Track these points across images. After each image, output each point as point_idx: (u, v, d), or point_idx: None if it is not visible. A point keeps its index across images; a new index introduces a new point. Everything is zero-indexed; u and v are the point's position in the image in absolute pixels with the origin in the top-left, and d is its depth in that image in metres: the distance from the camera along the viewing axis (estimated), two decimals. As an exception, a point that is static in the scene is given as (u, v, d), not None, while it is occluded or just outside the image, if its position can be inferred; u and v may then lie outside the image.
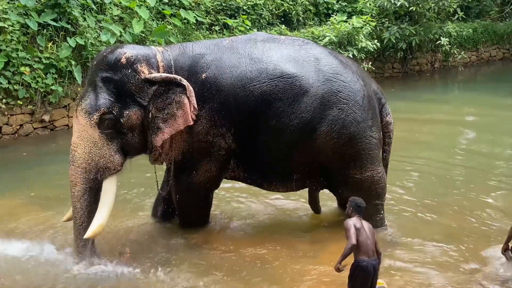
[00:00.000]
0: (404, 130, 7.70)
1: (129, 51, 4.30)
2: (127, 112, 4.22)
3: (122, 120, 4.21)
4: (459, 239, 4.76)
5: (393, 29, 13.75)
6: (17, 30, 8.66)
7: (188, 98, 4.22)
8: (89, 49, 9.20)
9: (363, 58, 12.85)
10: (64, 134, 8.70)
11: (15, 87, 8.48)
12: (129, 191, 5.91)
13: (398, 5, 13.51)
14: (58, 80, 8.95)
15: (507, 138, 8.46)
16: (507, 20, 17.95)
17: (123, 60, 4.22)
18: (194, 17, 11.42)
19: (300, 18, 14.02)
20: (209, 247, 4.64)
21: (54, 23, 9.04)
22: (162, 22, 11.14)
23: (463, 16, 15.15)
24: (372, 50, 13.02)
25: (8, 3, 8.93)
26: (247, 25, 12.38)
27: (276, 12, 13.55)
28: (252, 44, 4.59)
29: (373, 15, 13.96)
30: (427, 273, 4.18)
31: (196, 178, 4.57)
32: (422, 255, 4.49)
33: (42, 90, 8.73)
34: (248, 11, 12.90)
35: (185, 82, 4.22)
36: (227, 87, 4.37)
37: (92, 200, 4.24)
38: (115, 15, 10.17)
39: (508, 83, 13.48)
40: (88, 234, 4.10)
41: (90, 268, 4.19)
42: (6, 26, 8.52)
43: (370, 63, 12.95)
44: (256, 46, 4.57)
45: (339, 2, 14.83)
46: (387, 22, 14.02)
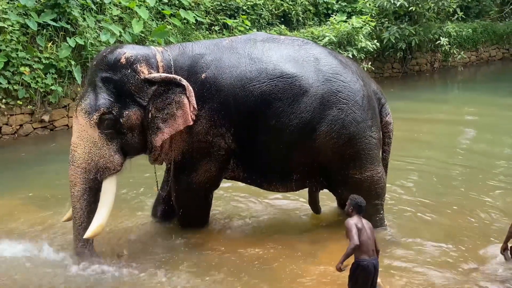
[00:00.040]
0: (403, 130, 7.69)
1: (129, 51, 4.30)
2: (127, 112, 4.22)
3: (121, 120, 4.21)
4: (459, 238, 4.77)
5: (393, 29, 13.75)
6: (17, 30, 8.65)
7: (188, 98, 4.21)
8: (89, 49, 9.19)
9: (362, 58, 12.86)
10: (64, 134, 8.69)
11: (15, 87, 8.47)
12: (128, 191, 5.90)
13: (397, 5, 13.51)
14: (58, 80, 8.95)
15: (506, 138, 8.47)
16: (506, 20, 17.96)
17: (123, 60, 4.22)
18: (194, 17, 11.42)
19: (300, 18, 14.02)
20: (209, 247, 4.64)
21: (54, 23, 9.04)
22: (162, 22, 11.14)
23: (463, 16, 15.15)
24: (372, 50, 13.03)
25: (7, 3, 8.93)
26: (246, 25, 12.38)
27: (276, 12, 13.55)
28: (252, 44, 4.59)
29: (373, 15, 13.96)
30: (426, 273, 4.18)
31: (195, 178, 4.57)
32: (422, 254, 4.49)
33: (41, 90, 8.72)
34: (247, 11, 12.90)
35: (184, 82, 4.22)
36: (227, 87, 4.37)
37: (91, 200, 4.24)
38: (115, 15, 10.16)
39: (507, 83, 13.48)
40: (87, 234, 4.11)
41: (89, 269, 4.19)
42: (6, 26, 8.52)
43: (370, 63, 12.95)
44: (256, 46, 4.57)
45: (339, 2, 14.84)
46: (386, 22, 14.02)
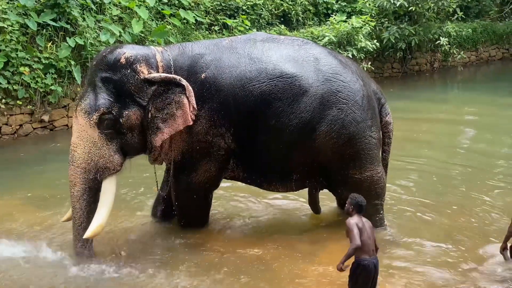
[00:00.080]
0: (403, 129, 7.70)
1: (129, 51, 4.30)
2: (127, 112, 4.21)
3: (121, 120, 4.20)
4: (458, 238, 4.77)
5: (393, 29, 13.74)
6: (17, 30, 8.65)
7: (188, 98, 4.21)
8: (89, 49, 9.19)
9: (362, 58, 12.86)
10: (64, 134, 8.69)
11: (15, 87, 8.47)
12: (128, 191, 5.90)
13: (397, 5, 13.50)
14: (58, 80, 8.94)
15: (506, 138, 8.46)
16: (506, 20, 17.95)
17: (123, 60, 4.21)
18: (194, 17, 11.41)
19: (300, 18, 14.02)
20: (209, 247, 4.63)
21: (54, 23, 9.03)
22: (162, 22, 11.14)
23: (463, 16, 15.13)
24: (372, 50, 13.03)
25: (7, 3, 8.93)
26: (246, 25, 12.38)
27: (276, 12, 13.55)
28: (252, 44, 4.58)
29: (373, 15, 13.95)
30: (426, 273, 4.19)
31: (195, 178, 4.57)
32: (422, 254, 4.50)
33: (41, 90, 8.72)
34: (247, 11, 12.89)
35: (184, 82, 4.22)
36: (227, 87, 4.37)
37: (91, 200, 4.24)
38: (115, 15, 10.16)
39: (507, 82, 13.48)
40: (87, 234, 4.11)
41: (89, 269, 4.19)
42: (6, 26, 8.51)
43: (370, 63, 12.95)
44: (256, 46, 4.56)
45: (339, 2, 14.83)
46: (386, 22, 14.01)
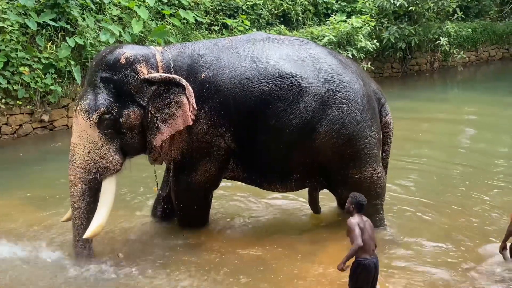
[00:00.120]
0: (403, 129, 7.70)
1: (128, 51, 4.30)
2: (127, 112, 4.21)
3: (121, 120, 4.20)
4: (458, 238, 4.77)
5: (393, 29, 13.74)
6: (16, 30, 8.64)
7: (187, 98, 4.21)
8: (89, 49, 9.18)
9: (362, 58, 12.86)
10: (64, 134, 8.69)
11: (15, 87, 8.46)
12: (128, 191, 5.90)
13: (397, 5, 13.50)
14: (58, 80, 8.94)
15: (506, 137, 8.47)
16: (506, 20, 17.94)
17: (122, 60, 4.21)
18: (194, 17, 11.41)
19: (300, 18, 14.02)
20: (209, 247, 4.63)
21: (53, 23, 9.03)
22: (162, 22, 11.13)
23: (462, 16, 15.12)
24: (372, 50, 13.02)
25: (7, 3, 8.92)
26: (246, 25, 12.37)
27: (276, 12, 13.55)
28: (252, 44, 4.58)
29: (372, 15, 13.95)
30: (426, 273, 4.19)
31: (195, 178, 4.57)
32: (421, 254, 4.50)
33: (41, 90, 8.71)
34: (247, 11, 12.89)
35: (184, 82, 4.22)
36: (226, 87, 4.37)
37: (91, 200, 4.24)
38: (115, 15, 10.16)
39: (507, 82, 13.48)
40: (87, 234, 4.11)
41: (88, 269, 4.18)
42: (5, 26, 8.51)
43: (370, 63, 12.95)
44: (256, 46, 4.56)
45: (338, 2, 14.83)
46: (386, 22, 14.00)
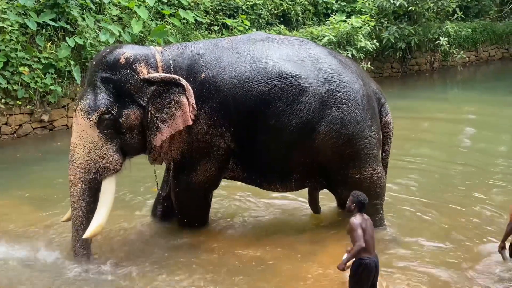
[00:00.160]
0: (403, 129, 7.70)
1: (128, 51, 4.29)
2: (126, 112, 4.21)
3: (121, 120, 4.20)
4: (458, 238, 4.77)
5: (392, 28, 13.75)
6: (16, 30, 8.65)
7: (187, 98, 4.21)
8: (88, 49, 9.19)
9: (362, 58, 12.86)
10: (63, 134, 8.69)
11: (14, 87, 8.46)
12: (128, 191, 5.89)
13: (397, 5, 13.50)
14: (57, 80, 8.94)
15: (506, 137, 8.49)
16: (506, 20, 17.94)
17: (122, 60, 4.21)
18: (193, 17, 11.42)
19: (299, 18, 14.02)
20: (209, 247, 4.63)
21: (53, 23, 9.03)
22: (161, 22, 11.13)
23: (462, 16, 15.12)
24: (371, 50, 13.03)
25: (7, 3, 8.92)
26: (246, 25, 12.38)
27: (275, 12, 13.55)
28: (251, 43, 4.58)
29: (372, 15, 13.95)
30: (426, 272, 4.19)
31: (195, 178, 4.57)
32: (421, 254, 4.50)
33: (41, 90, 8.71)
34: (247, 11, 12.89)
35: (184, 82, 4.22)
36: (226, 86, 4.36)
37: (91, 200, 4.24)
38: (114, 15, 10.16)
39: (507, 82, 13.50)
40: (87, 234, 4.10)
41: (87, 270, 4.17)
42: (5, 26, 8.51)
43: (369, 63, 12.95)
44: (255, 45, 4.56)
45: (338, 2, 14.84)
46: (386, 22, 14.01)
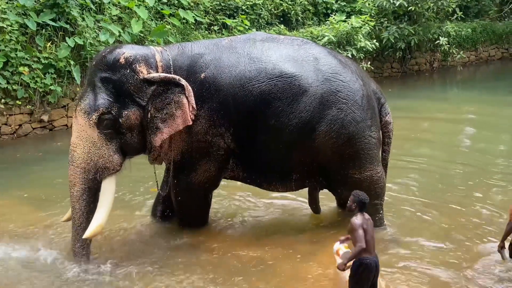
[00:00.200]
0: (403, 128, 7.70)
1: (128, 51, 4.29)
2: (126, 112, 4.21)
3: (121, 120, 4.20)
4: (458, 238, 4.77)
5: (392, 28, 13.75)
6: (16, 30, 8.65)
7: (187, 98, 4.21)
8: (88, 49, 9.19)
9: (362, 57, 12.86)
10: (63, 134, 8.69)
11: (14, 87, 8.46)
12: (128, 191, 5.89)
13: (397, 5, 13.50)
14: (57, 80, 8.94)
15: (506, 136, 8.49)
16: (506, 19, 17.94)
17: (122, 60, 4.21)
18: (193, 17, 11.42)
19: (299, 18, 14.02)
20: (208, 247, 4.63)
21: (53, 23, 9.04)
22: (161, 22, 11.14)
23: (462, 15, 15.12)
24: (371, 50, 13.03)
25: (6, 3, 8.92)
26: (246, 25, 12.38)
27: (275, 12, 13.55)
28: (251, 43, 4.58)
29: (372, 14, 13.95)
30: (425, 272, 4.19)
31: (195, 178, 4.57)
32: (421, 254, 4.50)
33: (41, 90, 8.71)
34: (247, 11, 12.90)
35: (184, 82, 4.22)
36: (226, 86, 4.36)
37: (91, 200, 4.24)
38: (114, 15, 10.16)
39: (506, 82, 13.50)
40: (87, 234, 4.10)
41: (87, 270, 4.17)
42: (5, 26, 8.51)
43: (369, 63, 12.95)
44: (255, 45, 4.56)
45: (338, 2, 14.84)
46: (386, 21, 14.01)
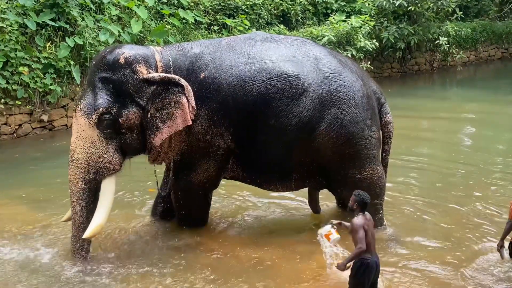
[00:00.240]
0: (403, 127, 7.69)
1: (128, 51, 4.29)
2: (126, 112, 4.21)
3: (120, 120, 4.20)
4: (458, 237, 4.78)
5: (392, 28, 13.75)
6: (16, 30, 8.64)
7: (187, 97, 4.20)
8: (88, 49, 9.19)
9: (361, 57, 12.86)
10: (63, 134, 8.69)
11: (14, 87, 8.46)
12: (127, 191, 5.88)
13: (396, 5, 13.51)
14: (57, 80, 8.94)
15: (506, 135, 8.51)
16: (505, 19, 17.95)
17: (122, 60, 4.21)
18: (193, 16, 11.43)
19: (299, 18, 14.03)
20: (208, 247, 4.63)
21: (53, 23, 9.03)
22: (161, 22, 11.14)
23: (462, 15, 15.13)
24: (371, 49, 13.03)
25: (6, 2, 8.92)
26: (246, 24, 12.38)
27: (275, 11, 13.55)
28: (251, 43, 4.58)
29: (372, 14, 13.96)
30: (425, 271, 4.20)
31: (195, 178, 4.57)
32: (421, 253, 4.50)
33: (40, 90, 8.71)
34: (246, 10, 12.90)
35: (183, 81, 4.21)
36: (226, 86, 4.36)
37: (91, 200, 4.24)
38: (114, 15, 10.16)
39: (506, 81, 13.52)
40: (86, 234, 4.11)
41: (86, 270, 4.17)
42: (5, 26, 8.51)
43: (369, 63, 12.95)
44: (255, 45, 4.56)
45: (338, 2, 14.83)
46: (385, 21, 14.02)
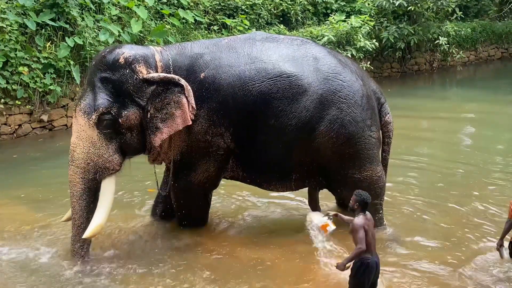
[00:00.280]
0: (403, 127, 7.69)
1: (127, 51, 4.29)
2: (126, 112, 4.21)
3: (120, 120, 4.20)
4: (458, 237, 4.78)
5: (392, 28, 13.76)
6: (16, 30, 8.64)
7: (187, 97, 4.20)
8: (88, 49, 9.19)
9: (361, 57, 12.87)
10: (63, 134, 8.69)
11: (14, 87, 8.46)
12: (127, 191, 5.89)
13: (396, 5, 13.52)
14: (57, 80, 8.94)
15: (506, 135, 8.51)
16: (505, 19, 17.96)
17: (121, 60, 4.21)
18: (193, 16, 11.43)
19: (299, 18, 14.03)
20: (208, 247, 4.63)
21: (53, 23, 9.04)
22: (161, 21, 11.14)
23: (462, 15, 15.14)
24: (371, 49, 13.03)
25: (6, 2, 8.92)
26: (245, 24, 12.39)
27: (275, 11, 13.56)
28: (251, 43, 4.58)
29: (372, 14, 13.97)
30: (425, 272, 4.19)
31: (194, 178, 4.57)
32: (421, 253, 4.50)
33: (40, 90, 8.71)
34: (246, 10, 12.90)
35: (183, 81, 4.22)
36: (226, 86, 4.36)
37: (91, 200, 4.24)
38: (114, 15, 10.16)
39: (506, 81, 13.52)
40: (86, 234, 4.11)
41: (85, 270, 4.17)
42: (5, 26, 8.51)
43: (369, 63, 12.95)
44: (255, 45, 4.56)
45: (338, 2, 14.84)
46: (385, 21, 14.02)
